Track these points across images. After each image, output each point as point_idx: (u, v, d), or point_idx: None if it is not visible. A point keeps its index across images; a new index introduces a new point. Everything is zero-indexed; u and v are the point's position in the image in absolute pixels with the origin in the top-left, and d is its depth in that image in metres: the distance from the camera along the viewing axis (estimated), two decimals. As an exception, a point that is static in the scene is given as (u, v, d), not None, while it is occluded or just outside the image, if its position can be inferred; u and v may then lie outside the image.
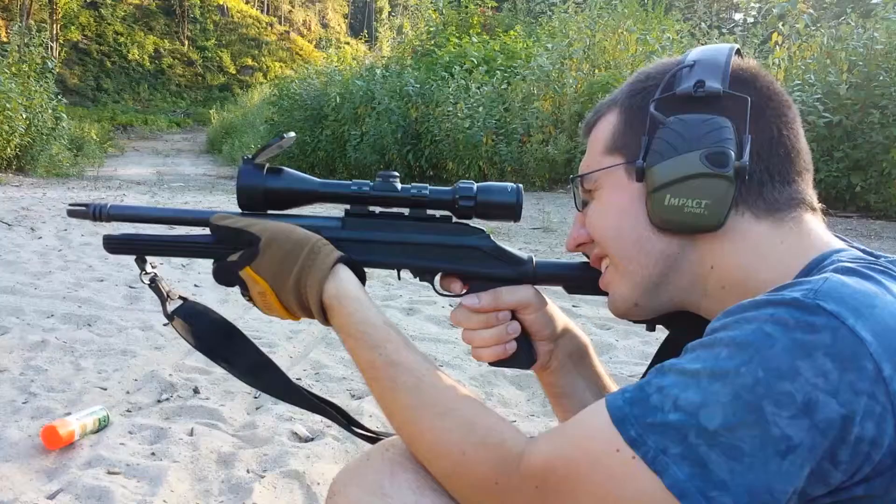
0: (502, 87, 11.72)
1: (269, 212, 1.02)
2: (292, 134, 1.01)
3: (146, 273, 1.06)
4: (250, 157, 0.99)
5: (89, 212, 1.02)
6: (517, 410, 2.61)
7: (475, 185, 0.98)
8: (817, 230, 0.81)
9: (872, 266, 0.72)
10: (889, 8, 7.99)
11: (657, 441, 0.65)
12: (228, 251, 0.97)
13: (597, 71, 11.19)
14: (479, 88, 11.75)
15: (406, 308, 4.00)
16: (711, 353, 0.67)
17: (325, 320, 0.93)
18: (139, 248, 1.04)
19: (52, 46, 23.27)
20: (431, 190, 1.00)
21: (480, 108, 11.34)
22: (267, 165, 1.00)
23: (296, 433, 2.35)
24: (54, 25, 30.75)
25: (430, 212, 1.02)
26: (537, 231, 6.97)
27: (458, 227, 1.01)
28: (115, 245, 1.04)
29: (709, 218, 0.78)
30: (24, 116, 12.57)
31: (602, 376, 1.09)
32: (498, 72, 12.04)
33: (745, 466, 0.63)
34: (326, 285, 0.91)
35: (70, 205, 1.03)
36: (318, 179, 1.01)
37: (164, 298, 1.06)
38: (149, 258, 1.06)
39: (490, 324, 1.00)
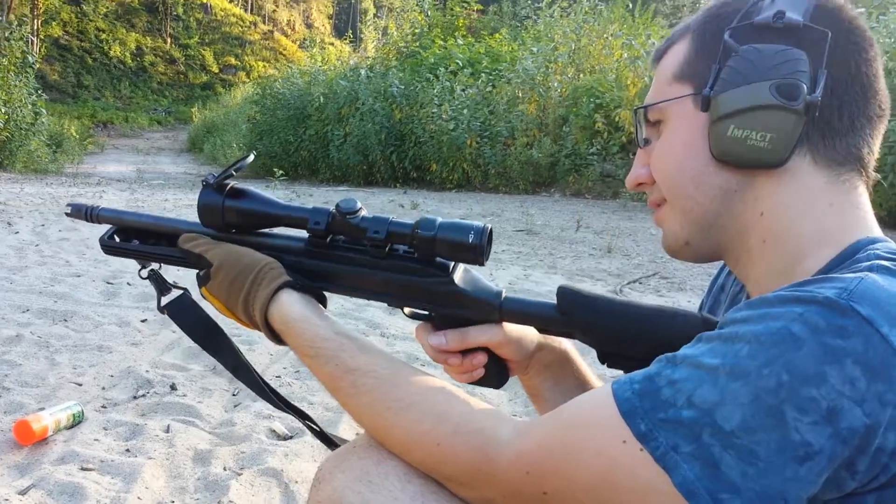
0: (487, 89, 11.75)
1: (235, 232, 1.01)
2: (251, 157, 1.03)
3: (146, 268, 1.09)
4: (211, 181, 0.99)
5: (82, 213, 1.08)
6: (499, 410, 2.59)
7: (437, 222, 0.89)
8: (865, 207, 0.78)
9: None
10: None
11: (668, 437, 0.63)
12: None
13: (581, 75, 11.24)
14: (463, 91, 11.77)
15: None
16: (731, 349, 0.63)
17: (279, 342, 0.93)
18: (132, 254, 1.09)
19: (32, 41, 23.00)
20: (388, 232, 0.91)
21: (465, 111, 11.35)
22: (229, 186, 0.99)
23: (274, 431, 2.32)
24: (35, 20, 30.42)
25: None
26: (521, 233, 6.97)
27: (418, 269, 0.94)
28: (111, 249, 1.09)
29: (771, 153, 0.75)
30: (3, 111, 12.44)
31: (587, 376, 1.07)
32: (483, 74, 12.07)
33: (759, 471, 0.60)
34: (269, 312, 0.92)
35: (68, 205, 1.09)
36: (282, 203, 0.98)
37: (161, 292, 1.07)
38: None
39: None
